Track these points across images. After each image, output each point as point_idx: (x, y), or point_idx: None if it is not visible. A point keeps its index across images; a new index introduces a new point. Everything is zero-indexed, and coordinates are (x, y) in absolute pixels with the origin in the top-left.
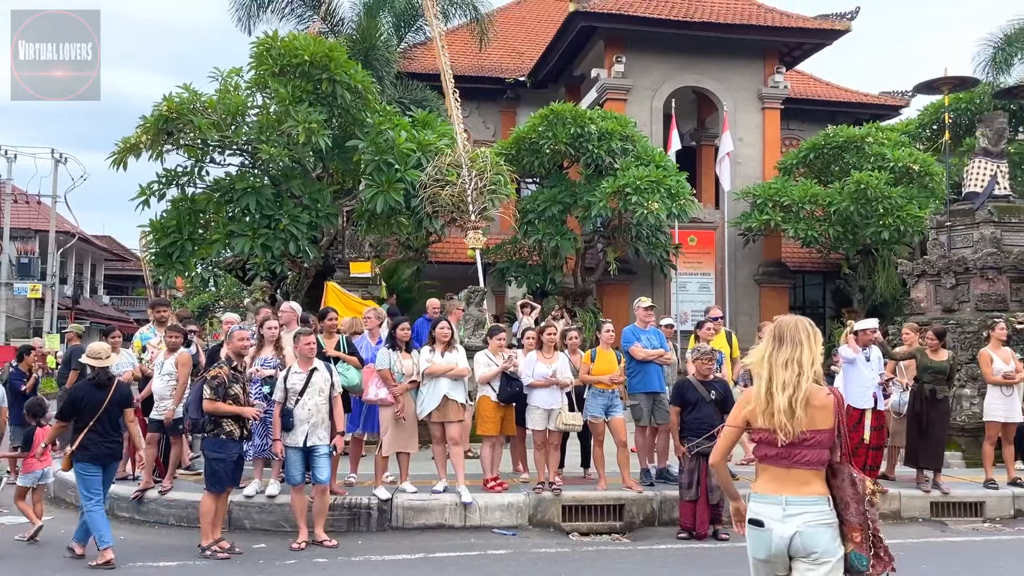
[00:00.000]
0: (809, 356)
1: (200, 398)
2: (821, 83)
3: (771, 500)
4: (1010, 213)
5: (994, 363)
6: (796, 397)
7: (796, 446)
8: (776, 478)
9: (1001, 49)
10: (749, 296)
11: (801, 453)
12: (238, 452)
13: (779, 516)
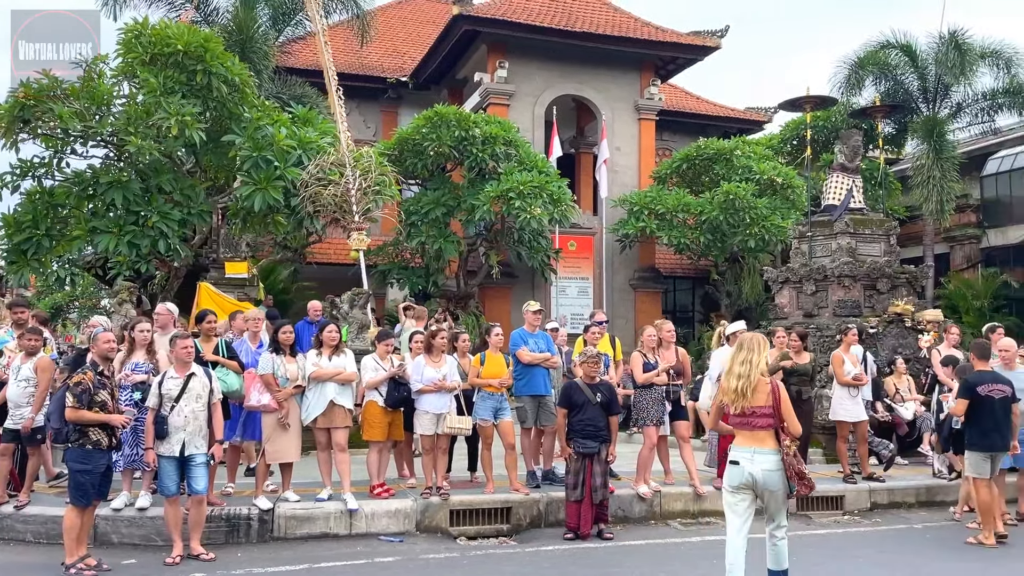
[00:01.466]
0: (758, 359)
1: (62, 406)
2: (693, 97)
3: (744, 450)
4: (864, 225)
5: (845, 365)
6: (746, 384)
7: (751, 416)
8: (745, 437)
9: (855, 71)
10: (625, 300)
11: (755, 420)
12: (106, 463)
13: (749, 459)
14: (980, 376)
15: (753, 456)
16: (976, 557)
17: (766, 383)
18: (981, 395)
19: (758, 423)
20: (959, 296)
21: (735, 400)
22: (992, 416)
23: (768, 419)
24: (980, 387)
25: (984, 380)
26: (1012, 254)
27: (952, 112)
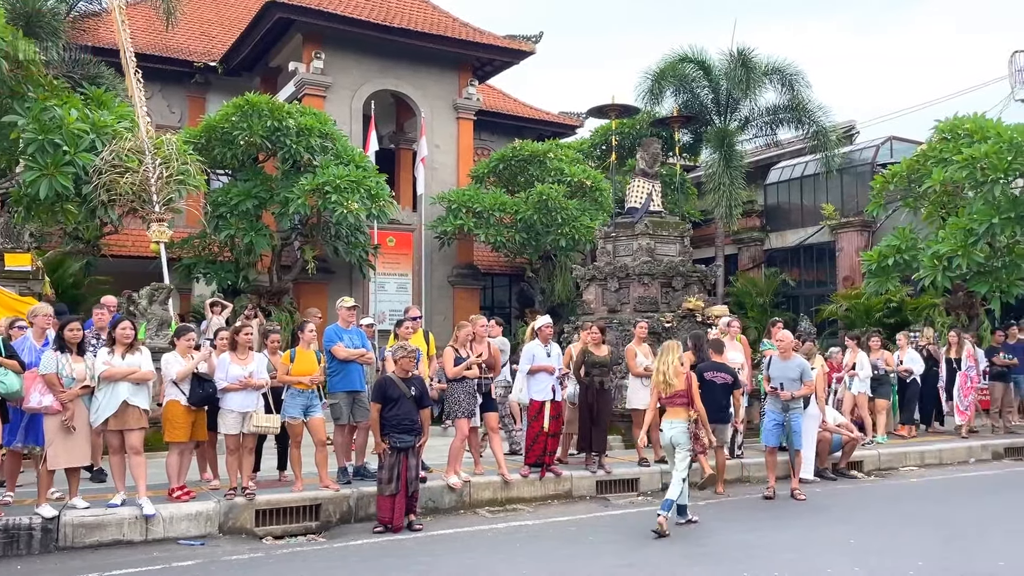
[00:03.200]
0: (675, 356)
1: None
2: (510, 99)
3: (668, 422)
4: (662, 227)
5: (637, 357)
6: (668, 374)
7: (672, 397)
8: (669, 412)
9: (656, 83)
10: (444, 297)
11: (674, 399)
12: None
13: (669, 427)
14: (708, 365)
15: (672, 424)
16: (747, 527)
17: (684, 375)
18: (707, 379)
19: (677, 402)
20: (745, 293)
21: (664, 388)
22: (713, 396)
23: (683, 399)
24: (707, 373)
25: (710, 368)
26: (790, 255)
27: (741, 125)
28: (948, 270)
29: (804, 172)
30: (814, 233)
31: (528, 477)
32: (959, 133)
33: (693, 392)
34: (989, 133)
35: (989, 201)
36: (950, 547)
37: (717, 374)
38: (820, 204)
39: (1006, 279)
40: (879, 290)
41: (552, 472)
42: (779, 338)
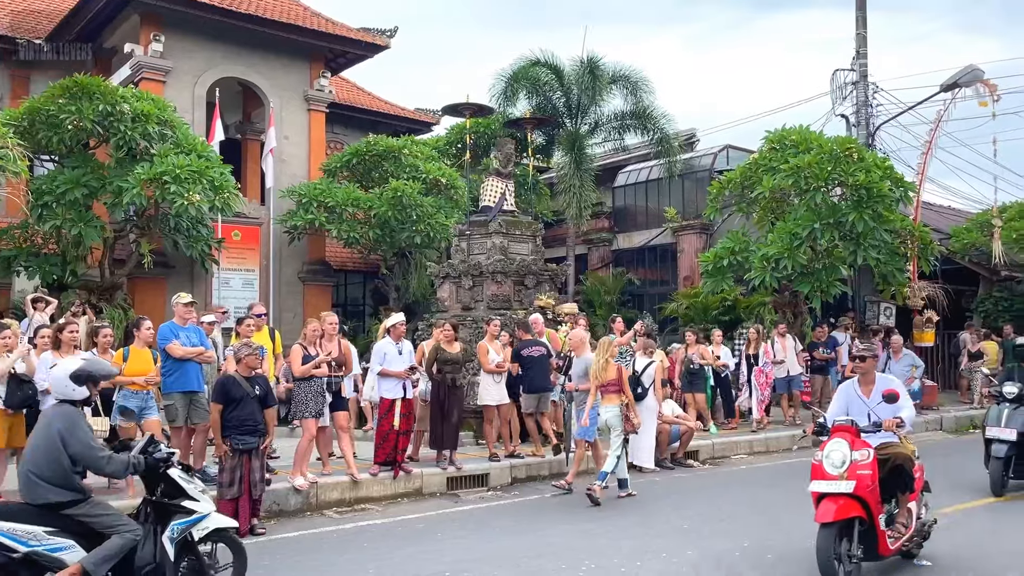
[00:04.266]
0: (608, 352)
1: None
2: (365, 93)
3: (604, 407)
4: (515, 226)
5: (489, 354)
6: (604, 367)
7: (607, 385)
8: (604, 399)
9: (511, 84)
10: (294, 293)
11: (608, 387)
12: None
13: (604, 411)
14: (523, 344)
15: (607, 408)
16: (589, 517)
17: (615, 367)
18: (524, 356)
19: (611, 389)
20: (594, 292)
21: (599, 376)
22: (535, 369)
23: (616, 387)
24: (524, 351)
25: (525, 346)
26: (636, 256)
27: (591, 129)
28: (776, 271)
29: (649, 176)
30: (658, 235)
31: (378, 476)
32: (786, 144)
33: (623, 381)
34: (812, 144)
35: (811, 208)
36: (773, 528)
37: (533, 348)
38: (663, 207)
39: (825, 280)
40: (715, 289)
41: (403, 470)
42: (571, 335)
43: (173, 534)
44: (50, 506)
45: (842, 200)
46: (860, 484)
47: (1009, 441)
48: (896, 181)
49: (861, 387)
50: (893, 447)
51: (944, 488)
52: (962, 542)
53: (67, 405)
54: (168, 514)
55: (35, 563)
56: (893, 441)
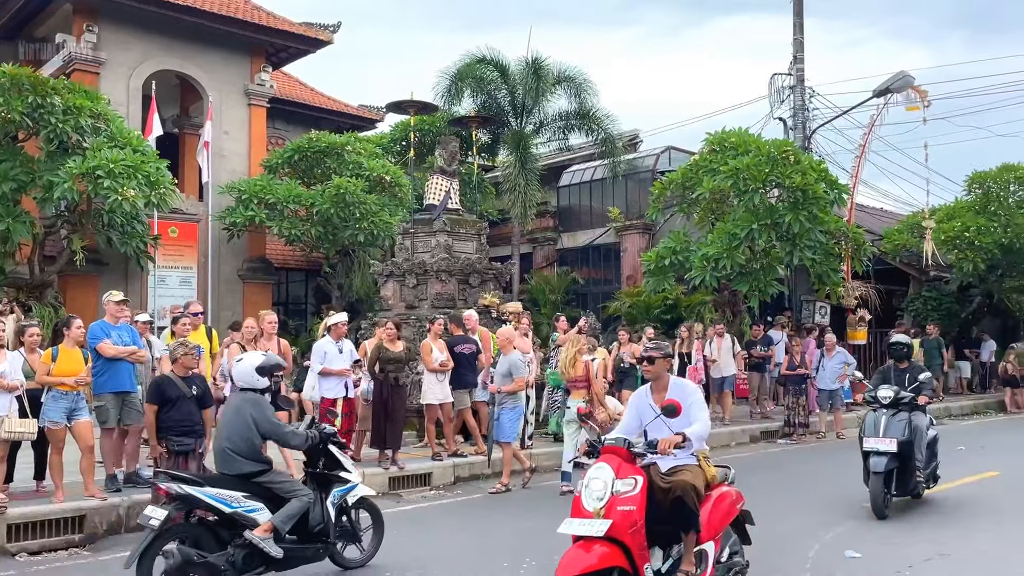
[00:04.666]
0: (575, 349)
1: None
2: (307, 88)
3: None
4: (460, 225)
5: (433, 353)
6: (571, 363)
7: (574, 381)
8: (572, 394)
9: (455, 82)
10: (233, 292)
11: (576, 383)
12: None
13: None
14: (456, 339)
15: (575, 403)
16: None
17: (583, 363)
18: (456, 352)
19: (578, 385)
20: (539, 290)
21: (566, 373)
22: (464, 365)
23: (584, 382)
24: (455, 347)
25: (458, 342)
26: (580, 255)
27: (536, 128)
28: (715, 270)
29: (593, 176)
30: (601, 234)
31: None
32: (726, 146)
33: (590, 377)
34: (751, 147)
35: (750, 209)
36: None
37: (464, 345)
38: (607, 207)
39: (763, 279)
40: (657, 288)
41: None
42: (498, 333)
43: (334, 499)
44: (243, 476)
45: (779, 201)
46: (618, 524)
47: (889, 452)
48: (831, 183)
49: (653, 395)
50: (681, 472)
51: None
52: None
53: (252, 392)
54: (329, 483)
55: (235, 522)
56: (687, 464)
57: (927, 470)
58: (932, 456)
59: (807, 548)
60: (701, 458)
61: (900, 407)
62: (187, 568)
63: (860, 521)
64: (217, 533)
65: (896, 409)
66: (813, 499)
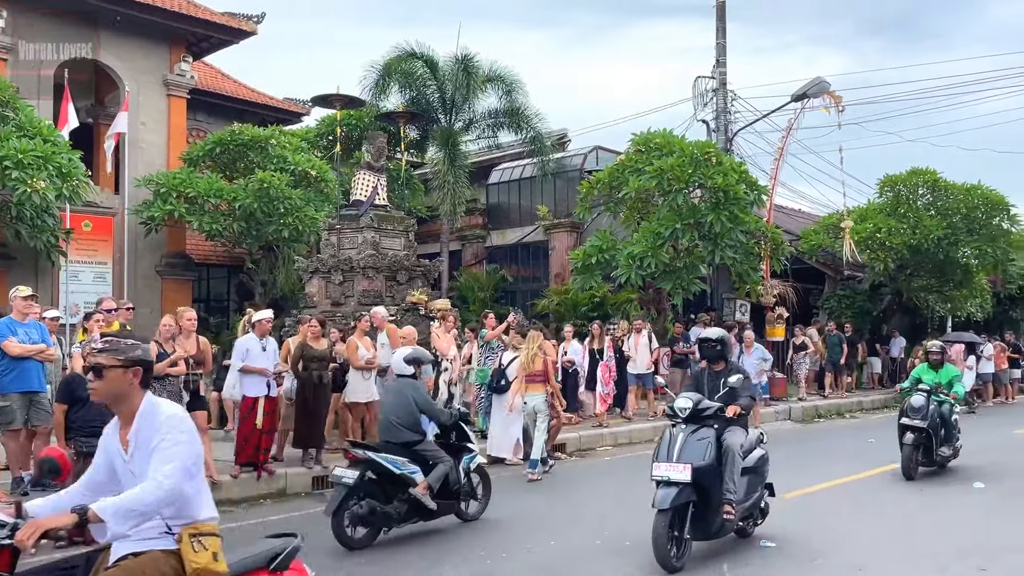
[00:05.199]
0: (537, 345)
1: None
2: (230, 80)
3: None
4: (387, 221)
5: (359, 350)
6: (532, 358)
7: (533, 375)
8: (530, 388)
9: (384, 77)
10: (151, 288)
11: (535, 377)
12: None
13: (529, 399)
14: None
15: (534, 396)
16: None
17: (542, 359)
18: None
19: (537, 379)
20: (468, 288)
21: (527, 367)
22: None
23: (542, 377)
24: None
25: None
26: (509, 253)
27: (465, 126)
28: (641, 269)
29: (522, 175)
30: (530, 232)
31: (239, 477)
32: (651, 146)
33: (549, 372)
34: (675, 148)
35: (673, 208)
36: (631, 516)
37: None
38: (536, 205)
39: (686, 278)
40: (585, 286)
41: (265, 471)
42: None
43: (465, 465)
44: (405, 444)
45: (702, 202)
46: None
47: (681, 483)
48: (751, 184)
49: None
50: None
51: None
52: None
53: (407, 378)
54: (459, 451)
55: (400, 480)
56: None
57: (744, 504)
58: (753, 486)
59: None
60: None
61: (704, 421)
62: (370, 516)
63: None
64: (384, 489)
65: (699, 424)
66: None
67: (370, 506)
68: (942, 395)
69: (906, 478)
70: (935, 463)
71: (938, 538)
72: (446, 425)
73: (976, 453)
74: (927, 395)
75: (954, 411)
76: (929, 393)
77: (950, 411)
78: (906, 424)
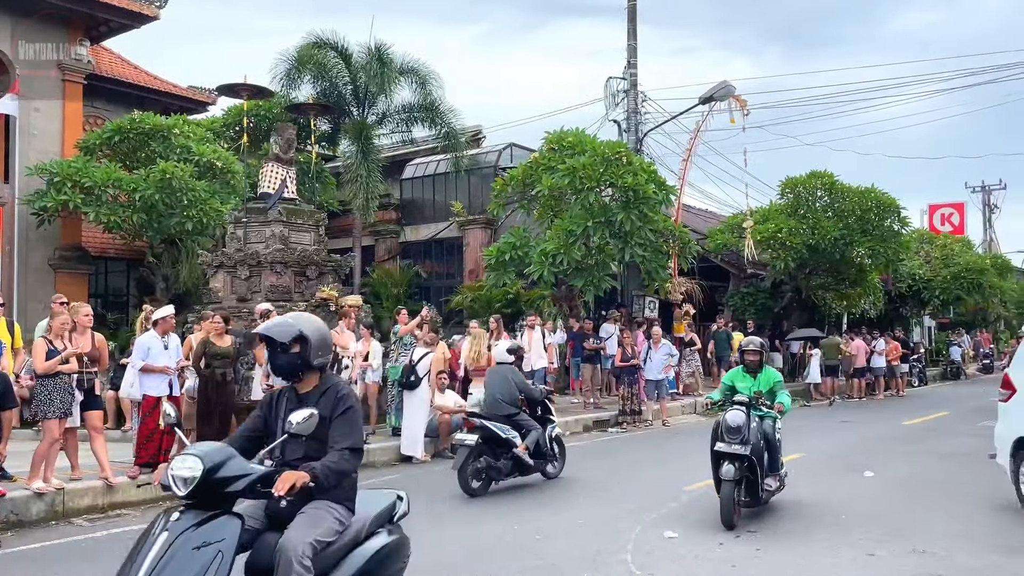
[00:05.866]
0: (484, 341)
1: None
2: (131, 66)
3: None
4: (296, 215)
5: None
6: (480, 353)
7: (478, 370)
8: (475, 381)
9: (295, 67)
10: (43, 282)
11: (480, 371)
12: None
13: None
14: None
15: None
16: None
17: (487, 355)
18: None
19: (481, 372)
20: (381, 284)
21: (472, 363)
22: None
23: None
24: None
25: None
26: (423, 248)
27: (379, 119)
28: (553, 266)
29: (437, 170)
30: (444, 228)
31: (138, 479)
32: (564, 145)
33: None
34: (587, 147)
35: (585, 207)
36: (543, 510)
37: None
38: (450, 201)
39: (598, 275)
40: (498, 283)
41: None
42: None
43: (548, 433)
44: (507, 415)
45: (613, 201)
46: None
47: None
48: (660, 184)
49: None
50: None
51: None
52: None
53: (506, 365)
54: (545, 422)
55: (505, 442)
56: None
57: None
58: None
59: (630, 530)
60: None
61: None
62: (487, 470)
63: (680, 503)
64: (493, 450)
65: (481, 452)
66: (639, 484)
67: (487, 462)
68: (764, 408)
69: (726, 527)
70: (760, 501)
71: (831, 523)
72: (537, 401)
73: (868, 443)
74: (746, 409)
75: (778, 429)
76: (748, 406)
77: (774, 428)
78: (722, 452)
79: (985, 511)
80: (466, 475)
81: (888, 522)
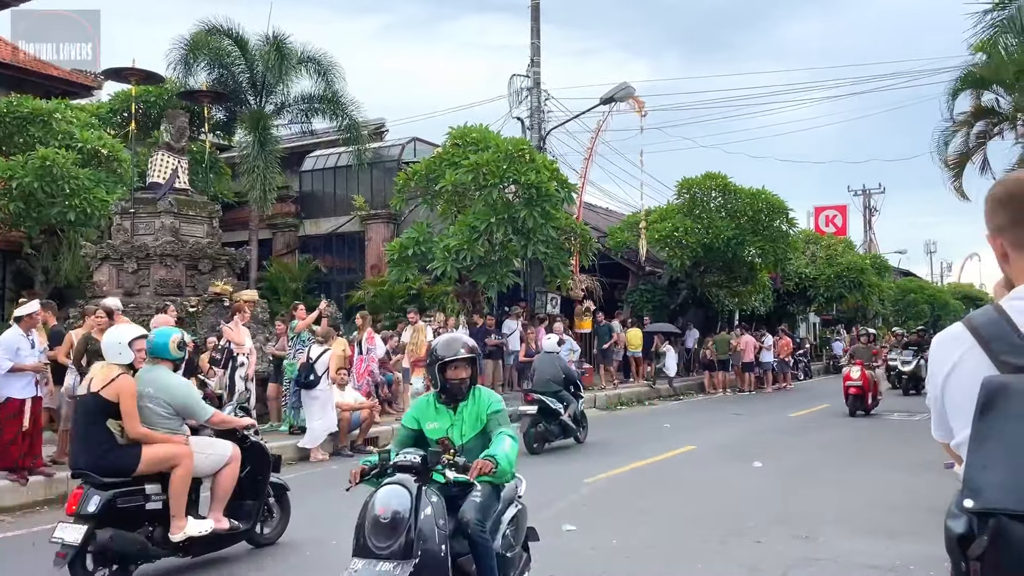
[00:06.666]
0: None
1: None
2: (10, 46)
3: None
4: (188, 206)
5: None
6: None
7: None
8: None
9: (190, 53)
10: None
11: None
12: None
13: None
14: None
15: (419, 379)
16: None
17: (424, 345)
18: None
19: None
20: (279, 278)
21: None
22: None
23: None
24: None
25: None
26: (323, 243)
27: (277, 109)
28: (457, 262)
29: (338, 163)
30: (345, 223)
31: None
32: (468, 141)
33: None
34: (491, 143)
35: (489, 203)
36: None
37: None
38: (352, 195)
39: (501, 271)
40: (401, 278)
41: (41, 474)
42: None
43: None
44: (553, 392)
45: (516, 198)
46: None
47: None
48: (562, 183)
49: None
50: None
51: (551, 484)
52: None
53: (551, 354)
54: (576, 398)
55: (554, 412)
56: None
57: None
58: None
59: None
60: None
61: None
62: (544, 432)
63: (581, 496)
64: (546, 418)
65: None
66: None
67: (545, 426)
68: (459, 472)
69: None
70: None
71: (722, 512)
72: (573, 381)
73: (757, 435)
74: (415, 484)
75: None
76: (421, 475)
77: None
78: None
79: (865, 499)
80: (528, 436)
81: (774, 510)
